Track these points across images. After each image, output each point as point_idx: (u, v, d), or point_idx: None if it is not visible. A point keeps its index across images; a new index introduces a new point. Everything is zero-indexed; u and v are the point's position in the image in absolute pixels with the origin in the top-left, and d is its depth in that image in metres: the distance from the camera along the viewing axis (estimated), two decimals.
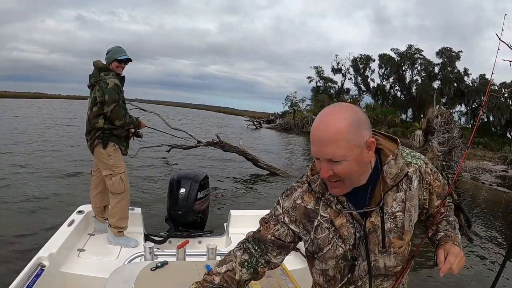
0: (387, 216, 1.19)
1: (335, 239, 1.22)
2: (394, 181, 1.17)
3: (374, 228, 1.20)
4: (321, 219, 1.22)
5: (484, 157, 21.02)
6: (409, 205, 1.21)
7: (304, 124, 33.36)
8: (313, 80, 47.55)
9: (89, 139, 3.14)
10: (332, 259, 1.25)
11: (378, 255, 1.23)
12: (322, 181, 1.20)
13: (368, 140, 1.10)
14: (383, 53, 42.70)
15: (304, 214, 1.24)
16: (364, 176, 1.17)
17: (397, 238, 1.22)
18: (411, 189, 1.21)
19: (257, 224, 1.43)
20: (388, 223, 1.20)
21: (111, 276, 1.67)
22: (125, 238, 3.06)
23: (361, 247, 1.22)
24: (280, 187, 9.26)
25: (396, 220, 1.20)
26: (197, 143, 10.97)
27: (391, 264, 1.26)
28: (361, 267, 1.24)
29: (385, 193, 1.18)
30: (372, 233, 1.20)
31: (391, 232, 1.21)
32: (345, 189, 1.15)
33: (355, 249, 1.22)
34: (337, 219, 1.20)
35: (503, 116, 30.22)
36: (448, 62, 37.55)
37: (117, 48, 3.20)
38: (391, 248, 1.23)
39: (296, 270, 2.48)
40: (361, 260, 1.24)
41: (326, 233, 1.22)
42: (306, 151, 19.88)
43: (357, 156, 1.09)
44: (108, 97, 2.99)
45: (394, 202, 1.19)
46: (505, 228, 7.74)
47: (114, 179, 3.09)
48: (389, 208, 1.19)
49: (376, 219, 1.19)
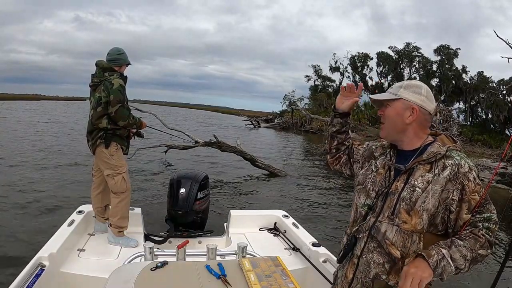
0: (408, 185, 1.32)
1: (370, 180, 1.46)
2: (428, 157, 1.33)
3: (394, 192, 1.35)
4: (374, 162, 1.51)
5: (483, 154, 21.02)
6: (430, 188, 1.29)
7: (302, 123, 33.36)
8: (311, 78, 47.50)
9: (91, 139, 3.12)
10: (359, 196, 1.48)
11: (385, 219, 1.35)
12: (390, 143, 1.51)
13: (413, 105, 1.36)
14: (381, 51, 42.72)
15: (368, 154, 1.58)
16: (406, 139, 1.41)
17: (405, 211, 1.30)
18: (439, 175, 1.29)
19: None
20: (405, 192, 1.32)
21: (111, 276, 1.67)
22: (125, 238, 3.06)
23: (378, 202, 1.39)
24: (279, 187, 9.26)
25: (413, 193, 1.30)
26: (195, 143, 10.95)
27: (390, 236, 1.33)
28: (369, 221, 1.40)
29: (416, 162, 1.34)
30: (392, 195, 1.35)
31: (403, 201, 1.31)
32: (384, 132, 1.46)
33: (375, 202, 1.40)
34: (381, 169, 1.45)
35: (502, 113, 30.23)
36: (446, 60, 37.54)
37: (123, 50, 3.24)
38: (397, 218, 1.32)
39: (296, 270, 2.49)
40: (372, 215, 1.40)
41: (369, 172, 1.49)
42: (305, 150, 19.89)
43: (398, 110, 1.38)
44: (113, 98, 2.99)
45: (420, 178, 1.32)
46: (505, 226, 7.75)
47: (116, 178, 3.09)
48: (413, 180, 1.32)
49: (400, 185, 1.35)
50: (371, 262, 1.36)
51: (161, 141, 11.52)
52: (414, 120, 1.36)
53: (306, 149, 20.44)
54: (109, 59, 3.16)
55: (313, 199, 8.20)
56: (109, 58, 3.16)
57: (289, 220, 3.34)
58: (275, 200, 7.76)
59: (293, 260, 2.75)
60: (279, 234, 3.24)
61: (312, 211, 7.16)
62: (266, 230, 3.34)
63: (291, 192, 8.77)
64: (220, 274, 1.70)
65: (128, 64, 3.27)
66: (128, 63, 3.26)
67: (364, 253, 1.38)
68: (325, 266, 2.47)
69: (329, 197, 8.55)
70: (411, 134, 1.40)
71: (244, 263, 1.80)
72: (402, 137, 1.41)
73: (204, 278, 1.68)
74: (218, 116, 65.98)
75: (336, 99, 1.70)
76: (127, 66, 3.27)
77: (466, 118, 34.73)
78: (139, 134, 3.45)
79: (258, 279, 1.67)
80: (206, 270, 1.75)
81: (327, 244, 2.87)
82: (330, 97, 42.01)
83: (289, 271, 1.79)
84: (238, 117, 48.64)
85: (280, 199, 7.98)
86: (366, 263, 1.37)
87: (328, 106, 38.86)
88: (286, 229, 3.23)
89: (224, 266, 1.79)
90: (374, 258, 1.35)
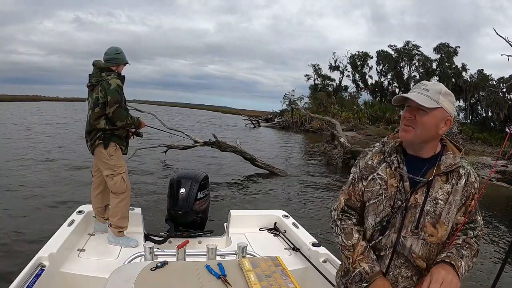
0: (430, 198, 1.30)
1: (382, 196, 1.36)
2: (446, 169, 1.31)
3: (415, 205, 1.31)
4: (376, 176, 1.39)
5: (483, 152, 21.02)
6: (451, 199, 1.31)
7: (302, 122, 33.31)
8: (311, 78, 47.47)
9: (90, 140, 3.11)
10: (373, 215, 1.38)
11: (409, 233, 1.32)
12: (394, 145, 1.40)
13: (449, 117, 1.30)
14: (381, 49, 42.70)
15: (370, 170, 1.42)
16: (428, 147, 1.34)
17: (431, 224, 1.30)
18: (457, 185, 1.32)
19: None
20: (428, 205, 1.30)
21: (111, 276, 1.67)
22: (125, 238, 3.05)
23: (397, 217, 1.33)
24: (279, 187, 9.26)
25: (436, 206, 1.30)
26: (194, 143, 10.95)
27: (416, 250, 1.32)
28: (390, 237, 1.34)
29: (436, 175, 1.31)
30: (412, 209, 1.31)
31: (428, 215, 1.30)
32: (411, 136, 1.31)
33: (393, 216, 1.33)
34: (391, 180, 1.36)
35: (502, 111, 30.21)
36: (446, 58, 37.52)
37: (121, 50, 3.22)
38: (423, 232, 1.30)
39: (296, 270, 2.49)
40: (392, 231, 1.34)
41: (377, 187, 1.38)
42: (305, 149, 19.88)
43: (437, 120, 1.29)
44: (111, 98, 2.97)
45: (440, 190, 1.31)
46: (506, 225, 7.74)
47: (115, 179, 3.08)
48: (434, 192, 1.30)
49: (420, 197, 1.31)
50: (399, 277, 1.34)
51: (161, 141, 11.52)
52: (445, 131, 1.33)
53: (306, 148, 20.42)
54: (106, 58, 3.14)
55: (313, 199, 8.20)
56: (107, 57, 3.14)
57: (289, 220, 3.34)
58: (275, 200, 7.76)
59: (293, 260, 2.75)
60: (279, 234, 3.24)
61: (312, 211, 7.16)
62: (266, 230, 3.34)
63: (291, 192, 8.77)
64: (220, 274, 1.70)
65: (126, 64, 3.25)
66: (126, 62, 3.24)
67: (391, 269, 1.35)
68: (325, 266, 2.47)
69: (329, 197, 8.55)
70: (435, 143, 1.36)
71: (244, 263, 1.80)
72: (426, 145, 1.34)
73: (204, 278, 1.68)
74: (218, 116, 65.95)
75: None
76: (125, 65, 3.26)
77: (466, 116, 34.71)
78: (138, 134, 3.44)
79: (258, 279, 1.67)
80: (206, 270, 1.75)
81: (327, 244, 2.87)
82: (329, 96, 42.01)
83: (289, 271, 1.79)
84: (238, 116, 48.62)
85: (280, 199, 7.98)
86: (394, 278, 1.35)
87: (328, 105, 38.85)
88: (286, 229, 3.22)
89: (224, 266, 1.78)
90: (402, 273, 1.34)
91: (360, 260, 1.35)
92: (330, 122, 16.11)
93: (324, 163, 13.73)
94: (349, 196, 1.46)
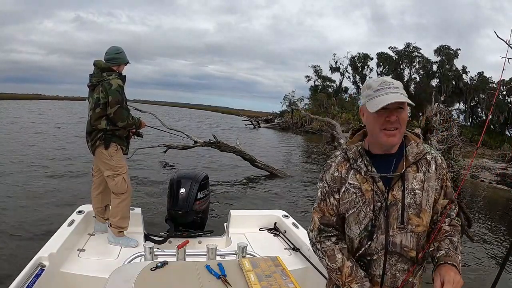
0: (408, 191, 1.31)
1: (361, 203, 1.33)
2: (415, 159, 1.33)
3: (395, 202, 1.31)
4: (348, 185, 1.36)
5: (483, 155, 21.02)
6: (427, 185, 1.32)
7: (302, 123, 33.36)
8: (311, 79, 47.64)
9: (90, 140, 3.10)
10: (355, 224, 1.36)
11: (396, 231, 1.32)
12: (357, 149, 1.37)
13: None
14: (381, 51, 42.78)
15: (339, 182, 1.38)
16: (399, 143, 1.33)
17: (415, 215, 1.31)
18: (429, 172, 1.33)
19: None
20: (408, 198, 1.31)
21: (111, 276, 1.67)
22: (125, 238, 3.05)
23: (381, 218, 1.32)
24: (279, 187, 9.26)
25: (415, 196, 1.31)
26: (194, 143, 10.95)
27: (407, 244, 1.33)
28: (379, 240, 1.33)
29: (407, 167, 1.31)
30: (393, 206, 1.31)
31: (410, 208, 1.31)
32: (398, 139, 1.28)
33: (376, 219, 1.32)
34: (364, 185, 1.33)
35: (502, 114, 30.24)
36: (446, 60, 37.59)
37: (122, 49, 3.21)
38: (409, 225, 1.31)
39: (296, 270, 2.49)
40: (380, 233, 1.33)
41: (352, 196, 1.35)
42: (305, 150, 19.88)
43: (407, 113, 1.29)
44: (112, 99, 2.95)
45: (414, 180, 1.32)
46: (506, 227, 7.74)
47: (116, 179, 3.07)
48: (409, 184, 1.31)
49: (397, 193, 1.31)
50: (396, 272, 1.35)
51: (161, 140, 11.52)
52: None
53: (306, 149, 20.43)
54: (107, 58, 3.12)
55: (313, 199, 8.17)
56: (107, 57, 3.12)
57: (289, 220, 3.34)
58: (275, 200, 7.76)
59: (293, 260, 2.74)
60: (279, 234, 3.24)
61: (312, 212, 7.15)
62: (266, 230, 3.34)
63: (291, 192, 8.77)
64: (220, 274, 1.70)
65: (127, 64, 3.23)
66: (127, 62, 3.22)
67: (387, 269, 1.35)
68: None
69: None
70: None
71: (244, 263, 1.80)
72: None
73: (204, 278, 1.68)
74: (218, 116, 66.00)
75: None
76: (126, 65, 3.24)
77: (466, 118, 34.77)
78: (138, 134, 3.44)
79: (258, 279, 1.67)
80: (206, 270, 1.75)
81: None
82: (330, 97, 42.05)
83: (289, 271, 1.79)
84: (238, 117, 48.64)
85: (280, 199, 7.98)
86: (392, 275, 1.35)
87: (328, 106, 38.89)
88: (286, 229, 3.22)
89: (224, 266, 1.78)
90: (398, 268, 1.35)
91: (350, 282, 1.34)
92: (330, 123, 16.12)
93: (324, 164, 13.71)
94: (322, 213, 1.42)
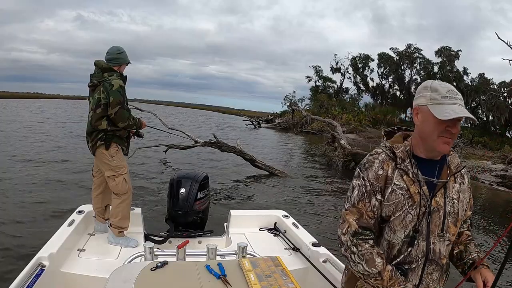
0: (449, 199, 1.31)
1: (407, 206, 1.28)
2: (456, 169, 1.35)
3: (438, 208, 1.30)
4: (394, 186, 1.30)
5: (483, 157, 21.00)
6: (462, 197, 1.35)
7: (303, 123, 33.32)
8: (312, 79, 47.57)
9: (91, 141, 3.09)
10: (401, 228, 1.29)
11: (436, 238, 1.31)
12: (404, 149, 1.33)
13: None
14: (382, 52, 42.74)
15: (384, 181, 1.31)
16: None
17: (453, 224, 1.33)
18: (463, 184, 1.36)
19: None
20: (448, 205, 1.31)
21: (111, 276, 1.67)
22: (125, 238, 3.05)
23: (423, 224, 1.29)
24: (280, 187, 9.26)
25: (454, 206, 1.32)
26: (194, 143, 10.95)
27: (443, 252, 1.33)
28: (420, 246, 1.30)
29: (451, 175, 1.33)
30: (435, 212, 1.30)
31: (450, 216, 1.31)
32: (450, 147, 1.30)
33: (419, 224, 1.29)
34: (412, 187, 1.29)
35: (503, 116, 30.18)
36: (447, 61, 37.55)
37: (123, 49, 3.20)
38: (447, 233, 1.32)
39: (296, 270, 2.49)
40: (421, 239, 1.30)
41: (400, 198, 1.29)
42: (305, 151, 19.88)
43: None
44: (113, 99, 2.94)
45: (453, 190, 1.33)
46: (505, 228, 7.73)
47: (117, 180, 3.07)
48: (450, 192, 1.33)
49: (440, 200, 1.30)
50: (430, 282, 1.33)
51: (161, 140, 11.52)
52: None
53: (306, 150, 20.42)
54: (108, 58, 3.11)
55: (313, 199, 8.20)
56: (109, 57, 3.11)
57: (289, 220, 3.34)
58: (275, 200, 7.75)
59: (293, 260, 2.74)
60: (279, 234, 3.23)
61: (312, 211, 7.15)
62: (266, 230, 3.34)
63: (291, 192, 8.76)
64: (220, 274, 1.70)
65: (128, 64, 3.22)
66: (128, 62, 3.22)
67: (424, 278, 1.31)
68: (325, 266, 2.47)
69: (329, 197, 8.55)
70: None
71: (244, 263, 1.80)
72: None
73: (204, 278, 1.68)
74: (219, 116, 65.98)
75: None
76: (127, 65, 3.23)
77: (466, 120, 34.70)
78: (139, 134, 3.44)
79: (258, 279, 1.67)
80: (206, 270, 1.74)
81: (327, 244, 2.87)
82: (330, 98, 42.03)
83: (289, 271, 1.79)
84: (238, 117, 48.65)
85: (280, 199, 7.97)
86: (426, 285, 1.33)
87: (328, 107, 38.85)
88: (286, 229, 3.22)
89: (224, 266, 1.78)
90: (433, 277, 1.33)
91: (392, 286, 1.26)
92: (330, 124, 16.15)
93: (324, 164, 13.73)
94: (360, 215, 1.31)
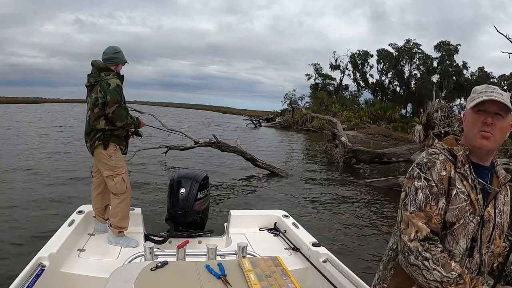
0: (498, 210, 1.25)
1: (468, 213, 1.19)
2: (504, 180, 1.27)
3: (489, 219, 1.23)
4: (457, 189, 1.19)
5: None
6: (506, 209, 1.28)
7: (303, 122, 33.33)
8: (312, 77, 47.56)
9: (89, 140, 3.09)
10: (463, 237, 1.19)
11: (485, 249, 1.24)
12: (464, 153, 1.23)
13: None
14: (381, 48, 42.68)
15: (447, 183, 1.20)
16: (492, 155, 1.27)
17: (498, 236, 1.26)
18: (507, 196, 1.29)
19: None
20: (497, 217, 1.25)
21: (111, 276, 1.67)
22: (125, 238, 3.05)
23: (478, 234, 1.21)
24: (280, 187, 9.25)
25: (501, 217, 1.26)
26: (194, 144, 10.95)
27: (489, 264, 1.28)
28: (475, 258, 1.22)
29: (502, 185, 1.26)
30: (487, 223, 1.22)
31: (497, 228, 1.25)
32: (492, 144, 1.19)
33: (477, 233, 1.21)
34: (472, 193, 1.20)
35: None
36: (447, 56, 37.50)
37: (120, 49, 3.20)
38: (493, 245, 1.25)
39: (296, 270, 2.49)
40: (476, 251, 1.21)
41: (463, 203, 1.19)
42: (306, 149, 19.87)
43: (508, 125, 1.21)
44: (110, 98, 2.95)
45: (501, 201, 1.26)
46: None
47: (116, 179, 3.07)
48: (499, 203, 1.25)
49: (491, 210, 1.23)
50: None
51: (161, 140, 11.52)
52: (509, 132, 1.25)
53: (307, 148, 20.43)
54: (105, 58, 3.12)
55: (313, 199, 8.18)
56: (105, 57, 3.12)
57: (289, 220, 3.34)
58: (275, 200, 7.74)
59: (293, 260, 2.74)
60: (279, 234, 3.23)
61: (313, 211, 7.14)
62: (266, 230, 3.33)
63: (291, 191, 8.75)
64: (220, 274, 1.70)
65: (125, 63, 3.23)
66: (125, 61, 3.22)
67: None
68: (325, 266, 2.46)
69: (329, 197, 8.54)
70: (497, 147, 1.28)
71: (244, 263, 1.79)
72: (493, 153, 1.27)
73: (204, 278, 1.67)
74: (219, 116, 66.01)
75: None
76: (124, 65, 3.23)
77: None
78: (137, 134, 3.44)
79: (258, 279, 1.66)
80: (206, 270, 1.74)
81: (327, 244, 2.87)
82: (330, 95, 42.03)
83: (289, 271, 1.78)
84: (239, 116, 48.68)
85: (280, 199, 7.96)
86: None
87: (328, 104, 38.86)
88: (286, 229, 3.22)
89: (224, 266, 1.78)
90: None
91: (476, 286, 1.15)
92: (331, 121, 16.12)
93: (325, 162, 13.73)
94: (428, 219, 1.17)
